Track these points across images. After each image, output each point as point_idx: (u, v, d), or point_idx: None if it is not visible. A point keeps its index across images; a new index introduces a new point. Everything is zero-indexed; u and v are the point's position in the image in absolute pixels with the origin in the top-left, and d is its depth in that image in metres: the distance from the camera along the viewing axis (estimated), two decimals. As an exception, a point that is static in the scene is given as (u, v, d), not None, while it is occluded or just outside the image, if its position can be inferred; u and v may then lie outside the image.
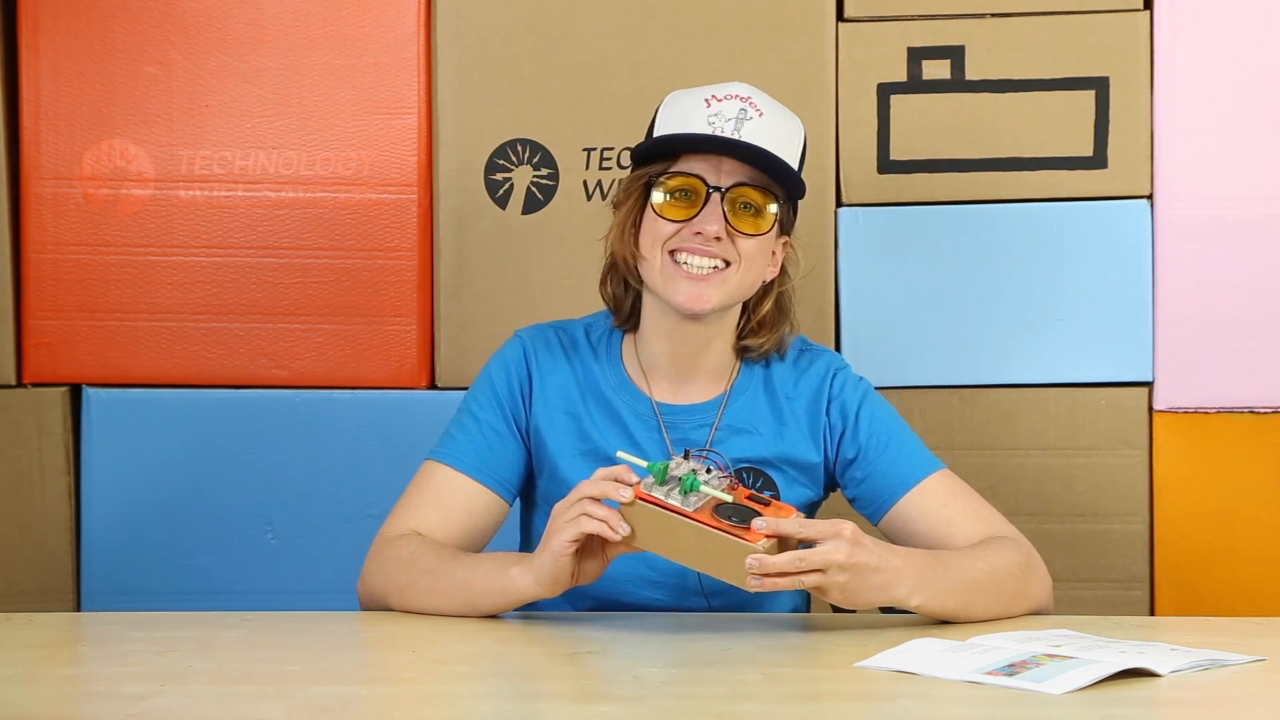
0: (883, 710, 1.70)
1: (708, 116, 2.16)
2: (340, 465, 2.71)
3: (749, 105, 2.16)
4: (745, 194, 2.16)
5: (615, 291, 2.27)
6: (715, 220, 2.14)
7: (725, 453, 2.21)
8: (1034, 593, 2.14)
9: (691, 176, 2.15)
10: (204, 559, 2.73)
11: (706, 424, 2.23)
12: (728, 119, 2.15)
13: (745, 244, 2.16)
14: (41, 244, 2.74)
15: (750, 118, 2.16)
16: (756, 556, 1.91)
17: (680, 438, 2.22)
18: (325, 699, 1.73)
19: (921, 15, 2.69)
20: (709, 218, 2.14)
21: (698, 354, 2.23)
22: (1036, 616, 2.12)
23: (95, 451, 2.73)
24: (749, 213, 2.16)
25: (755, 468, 2.22)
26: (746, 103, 2.16)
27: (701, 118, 2.16)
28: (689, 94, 2.21)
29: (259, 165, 2.74)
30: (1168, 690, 1.73)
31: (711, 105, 2.16)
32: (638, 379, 2.25)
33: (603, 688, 1.81)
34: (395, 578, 2.13)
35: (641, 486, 1.96)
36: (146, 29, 2.73)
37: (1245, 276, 2.65)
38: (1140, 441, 2.67)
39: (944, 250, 2.70)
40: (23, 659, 1.94)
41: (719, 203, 2.15)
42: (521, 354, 2.26)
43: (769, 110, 2.18)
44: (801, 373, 2.27)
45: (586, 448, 2.23)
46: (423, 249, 2.74)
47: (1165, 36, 2.66)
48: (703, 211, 2.15)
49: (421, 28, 2.74)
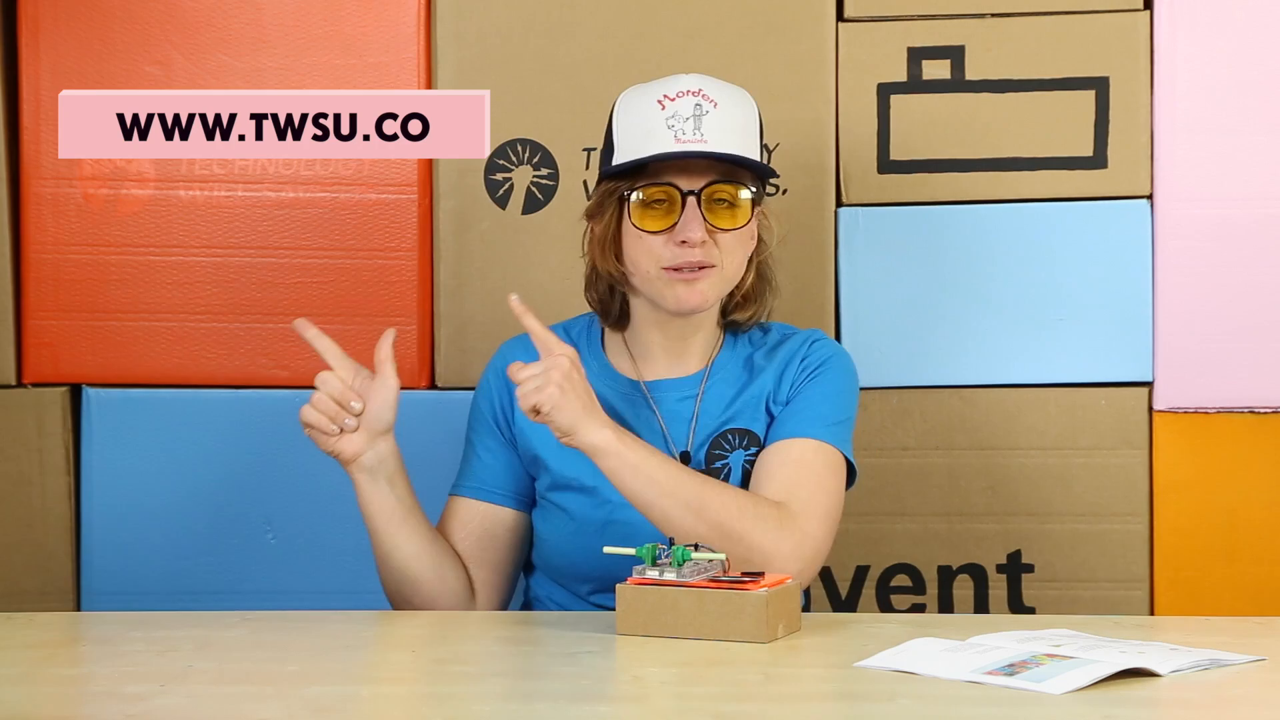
0: (883, 710, 1.70)
1: (665, 120, 2.19)
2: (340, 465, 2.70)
3: (702, 99, 2.20)
4: (719, 191, 2.20)
5: (601, 297, 2.32)
6: (696, 226, 2.18)
7: (709, 421, 2.27)
8: (753, 541, 2.12)
9: (663, 185, 2.19)
10: (204, 559, 2.73)
11: (691, 395, 2.28)
12: (685, 118, 2.19)
13: (728, 239, 2.21)
14: (41, 244, 2.74)
15: (706, 111, 2.19)
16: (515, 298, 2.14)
17: (668, 411, 2.28)
18: (325, 699, 1.74)
19: (921, 15, 2.69)
20: (689, 224, 2.18)
21: (688, 336, 2.30)
22: (1029, 616, 2.12)
23: (95, 451, 2.73)
24: (725, 207, 2.20)
25: (735, 428, 2.27)
26: (699, 96, 2.20)
27: (659, 122, 2.19)
28: (640, 95, 2.24)
29: (259, 165, 2.73)
30: (1168, 690, 1.73)
31: (666, 106, 2.20)
32: (622, 365, 2.30)
33: (603, 688, 1.81)
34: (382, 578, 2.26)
35: (635, 572, 2.00)
36: (146, 29, 2.73)
37: (1245, 276, 2.65)
38: (1140, 441, 2.67)
39: (944, 250, 2.70)
40: (23, 659, 1.94)
41: (696, 206, 2.18)
42: (501, 362, 2.31)
43: (722, 98, 2.21)
44: (779, 344, 2.32)
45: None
46: (423, 249, 2.74)
47: (1165, 36, 2.66)
48: (682, 217, 2.19)
49: (421, 28, 2.74)
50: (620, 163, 2.21)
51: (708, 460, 2.26)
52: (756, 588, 1.94)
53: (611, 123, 2.26)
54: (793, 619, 1.99)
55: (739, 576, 1.98)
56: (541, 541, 2.30)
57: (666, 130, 2.19)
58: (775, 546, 2.12)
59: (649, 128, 2.20)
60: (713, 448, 2.27)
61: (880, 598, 2.71)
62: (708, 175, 2.19)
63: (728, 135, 2.19)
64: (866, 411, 2.63)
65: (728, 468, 2.26)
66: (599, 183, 2.29)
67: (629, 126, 2.23)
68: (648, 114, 2.21)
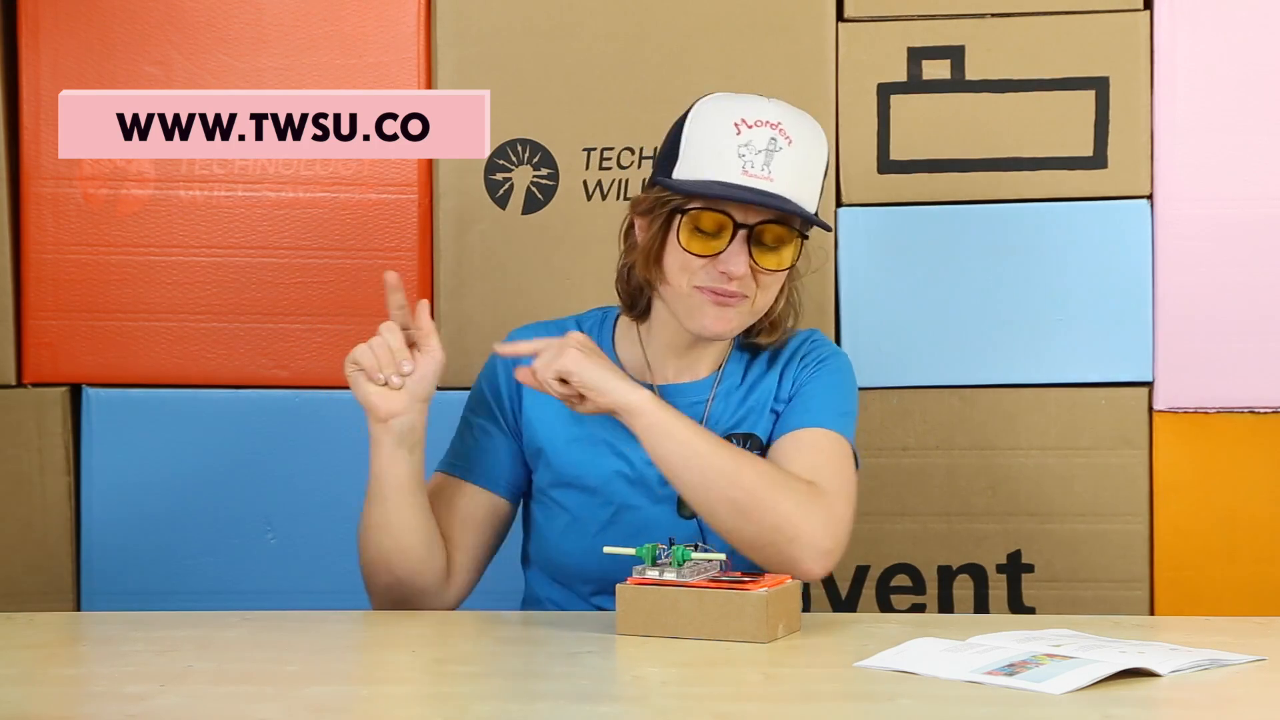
0: (883, 710, 1.70)
1: (738, 148, 2.15)
2: (340, 465, 2.70)
3: (779, 133, 2.15)
4: (770, 231, 2.17)
5: (631, 290, 2.29)
6: (740, 262, 2.16)
7: (715, 426, 2.24)
8: (781, 531, 2.10)
9: (718, 213, 2.16)
10: (204, 559, 2.73)
11: (701, 400, 2.26)
12: (758, 150, 2.15)
13: (766, 277, 2.19)
14: (41, 244, 2.74)
15: (780, 149, 2.15)
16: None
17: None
18: (325, 699, 1.74)
19: (921, 15, 2.69)
20: (734, 258, 2.15)
21: (706, 347, 2.28)
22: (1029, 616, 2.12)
23: (95, 451, 2.73)
24: (772, 249, 2.17)
25: (739, 432, 2.25)
26: (777, 130, 2.16)
27: (732, 148, 2.15)
28: (718, 111, 2.18)
29: (259, 165, 2.73)
30: (1168, 690, 1.73)
31: (742, 133, 2.15)
32: (633, 366, 2.28)
33: (603, 688, 1.81)
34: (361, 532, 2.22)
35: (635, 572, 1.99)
36: (146, 29, 2.73)
37: (1245, 276, 2.65)
38: (1140, 441, 2.67)
39: (944, 250, 2.70)
40: (23, 659, 1.94)
41: (744, 241, 2.16)
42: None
43: (798, 136, 2.17)
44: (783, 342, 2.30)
45: (579, 434, 2.25)
46: (423, 249, 2.74)
47: (1165, 36, 2.66)
48: (729, 249, 2.15)
49: (421, 28, 2.74)
50: (682, 180, 2.17)
51: None
52: (756, 588, 1.94)
53: (682, 127, 2.20)
54: (793, 619, 1.99)
55: (739, 576, 1.98)
56: (541, 538, 2.29)
57: (737, 159, 2.15)
58: (805, 519, 2.10)
59: (719, 149, 2.16)
60: None
61: (880, 598, 2.71)
62: (764, 213, 2.16)
63: (795, 178, 2.16)
64: (866, 411, 2.63)
65: None
66: (653, 183, 2.24)
67: (699, 140, 2.18)
68: (720, 135, 2.16)
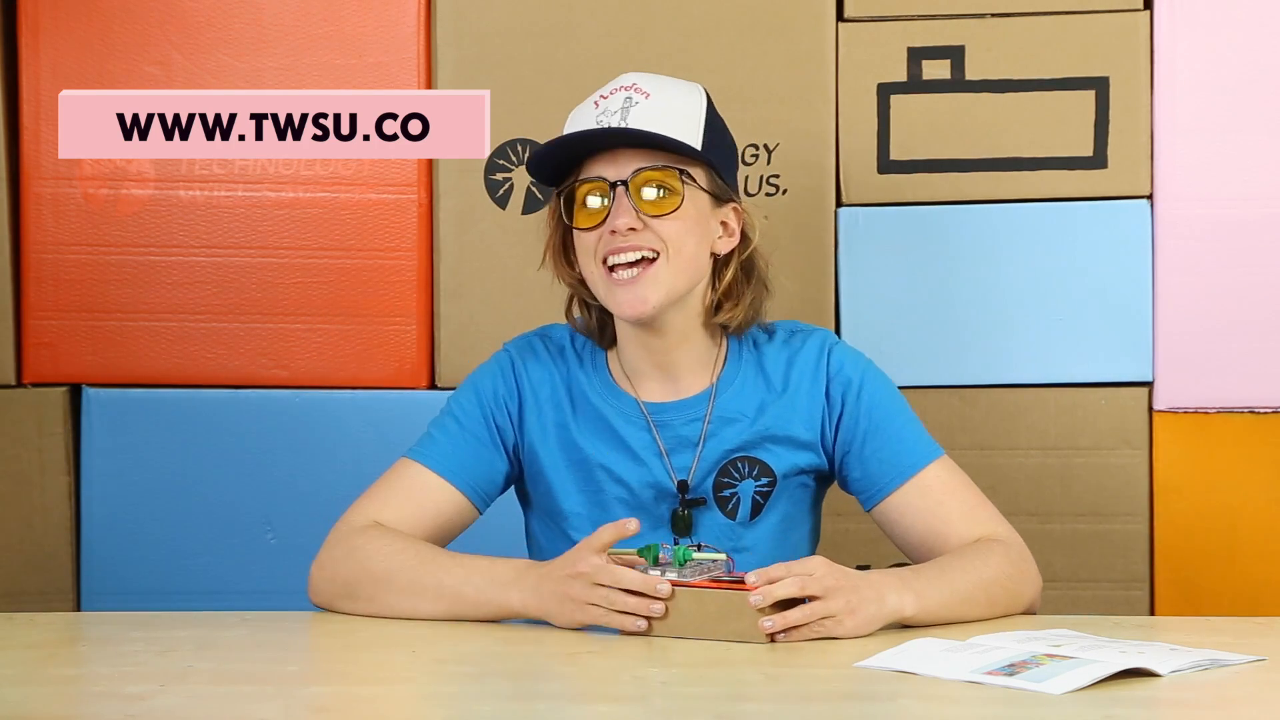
0: (883, 710, 1.70)
1: (596, 117, 2.16)
2: (340, 465, 2.71)
3: (634, 91, 2.16)
4: (648, 178, 2.14)
5: (582, 316, 2.26)
6: (624, 212, 2.13)
7: (718, 445, 2.20)
8: (1026, 597, 2.13)
9: (592, 181, 2.15)
10: (204, 559, 2.73)
11: (698, 418, 2.21)
12: (613, 112, 2.15)
13: (666, 227, 2.14)
14: (41, 244, 2.74)
15: (636, 103, 2.15)
16: (761, 591, 1.91)
17: (672, 435, 2.20)
18: (325, 699, 1.74)
19: (921, 15, 2.69)
20: (618, 212, 2.13)
21: (673, 350, 2.21)
22: (1029, 616, 2.12)
23: (95, 451, 2.73)
24: (659, 195, 2.14)
25: (748, 456, 2.20)
26: (631, 89, 2.16)
27: (591, 119, 2.16)
28: (584, 103, 2.20)
29: (259, 165, 2.73)
30: (1168, 690, 1.73)
31: (600, 105, 2.17)
32: (623, 382, 2.23)
33: (603, 688, 1.81)
34: (369, 569, 2.10)
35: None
36: (146, 29, 2.73)
37: (1245, 276, 2.65)
38: (1140, 441, 2.67)
39: (944, 250, 2.70)
40: (23, 659, 1.94)
41: (625, 195, 2.13)
42: (510, 369, 2.24)
43: (656, 90, 2.16)
44: (795, 353, 2.23)
45: (575, 458, 2.22)
46: (423, 249, 2.74)
47: (1165, 36, 2.66)
48: (613, 208, 2.14)
49: (421, 28, 2.74)
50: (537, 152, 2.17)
51: (715, 489, 2.19)
52: (755, 588, 1.94)
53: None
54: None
55: (739, 577, 1.97)
56: (542, 552, 2.26)
57: (595, 124, 2.15)
58: (1024, 577, 2.13)
59: (581, 125, 2.16)
60: (721, 475, 2.20)
61: (880, 598, 2.71)
62: (636, 163, 2.14)
63: (655, 120, 2.13)
64: (866, 411, 2.63)
65: (736, 497, 2.20)
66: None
67: (569, 128, 2.19)
68: (583, 116, 2.17)
